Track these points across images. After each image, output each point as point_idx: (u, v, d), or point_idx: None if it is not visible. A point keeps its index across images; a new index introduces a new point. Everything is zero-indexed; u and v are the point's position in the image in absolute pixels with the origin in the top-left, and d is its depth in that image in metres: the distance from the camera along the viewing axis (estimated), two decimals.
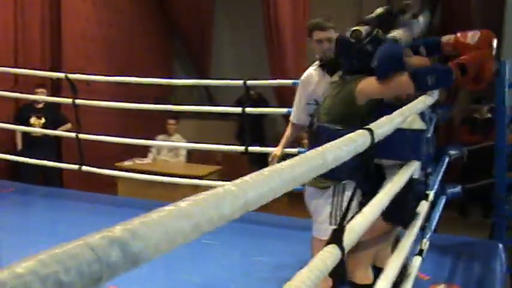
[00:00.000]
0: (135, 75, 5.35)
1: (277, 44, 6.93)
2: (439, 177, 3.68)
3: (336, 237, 1.28)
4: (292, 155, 4.82)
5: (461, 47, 2.56)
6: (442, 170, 3.82)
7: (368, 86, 2.45)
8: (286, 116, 7.69)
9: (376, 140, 1.46)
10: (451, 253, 3.87)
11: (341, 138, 1.28)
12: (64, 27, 6.85)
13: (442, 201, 3.89)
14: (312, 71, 3.19)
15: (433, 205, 3.62)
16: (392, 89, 2.42)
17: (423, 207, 2.82)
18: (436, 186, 3.51)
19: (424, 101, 2.37)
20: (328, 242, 1.28)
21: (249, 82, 4.66)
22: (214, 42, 9.13)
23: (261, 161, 7.56)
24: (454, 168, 5.13)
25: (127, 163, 6.58)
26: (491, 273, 3.59)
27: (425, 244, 3.08)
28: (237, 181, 0.78)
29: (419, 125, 2.19)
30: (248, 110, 4.79)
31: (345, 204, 2.40)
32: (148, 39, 8.37)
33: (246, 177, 0.80)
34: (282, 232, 4.34)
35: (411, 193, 2.54)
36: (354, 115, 2.45)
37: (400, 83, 2.38)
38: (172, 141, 6.96)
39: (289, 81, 5.46)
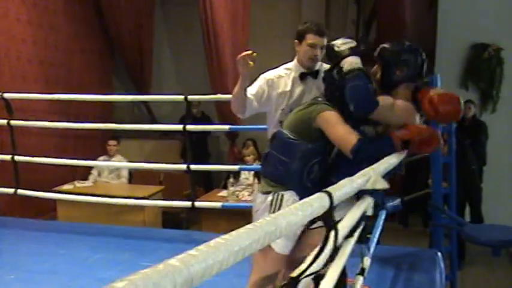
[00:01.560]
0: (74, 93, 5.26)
1: (217, 61, 6.96)
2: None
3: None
4: (235, 172, 4.81)
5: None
6: None
7: (326, 122, 2.57)
8: (229, 134, 7.79)
9: (335, 203, 1.42)
10: (393, 263, 3.94)
11: (298, 203, 1.24)
12: None
13: (383, 215, 3.96)
14: (283, 74, 3.09)
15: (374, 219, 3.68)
16: (339, 138, 2.54)
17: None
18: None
19: (388, 161, 2.43)
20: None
21: (190, 97, 4.64)
22: (155, 60, 9.06)
23: (205, 180, 7.58)
24: (394, 180, 5.25)
25: (66, 186, 6.41)
26: (431, 282, 3.67)
27: (367, 262, 3.11)
28: (181, 255, 0.74)
29: (382, 184, 2.21)
30: (189, 127, 4.77)
31: None
32: (87, 57, 8.23)
33: (192, 251, 0.76)
34: None
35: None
36: (309, 132, 2.59)
37: (347, 137, 2.50)
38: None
39: (231, 96, 5.48)
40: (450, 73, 6.92)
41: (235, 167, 5.64)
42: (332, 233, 1.45)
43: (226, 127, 5.38)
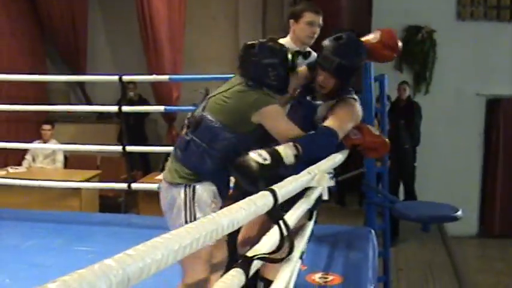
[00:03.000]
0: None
1: (153, 42, 6.85)
2: None
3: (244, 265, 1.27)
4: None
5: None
6: None
7: (269, 117, 2.43)
8: (166, 116, 7.71)
9: (280, 201, 1.41)
10: (328, 242, 4.01)
11: (242, 201, 1.22)
12: None
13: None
14: None
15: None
16: (281, 133, 2.42)
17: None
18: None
19: (334, 159, 2.44)
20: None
21: (124, 78, 4.54)
22: (90, 44, 8.83)
23: (143, 163, 7.50)
24: None
25: None
26: (364, 258, 3.76)
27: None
28: (118, 255, 0.72)
29: (327, 182, 2.18)
30: (125, 109, 4.68)
31: (197, 210, 2.37)
32: (18, 41, 7.93)
33: (129, 250, 0.74)
34: None
35: None
36: (244, 123, 2.42)
37: (291, 134, 2.40)
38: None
39: (166, 77, 5.41)
40: None
41: (172, 149, 5.58)
42: (281, 224, 1.46)
43: (162, 108, 5.32)
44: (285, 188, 1.55)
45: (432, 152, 7.23)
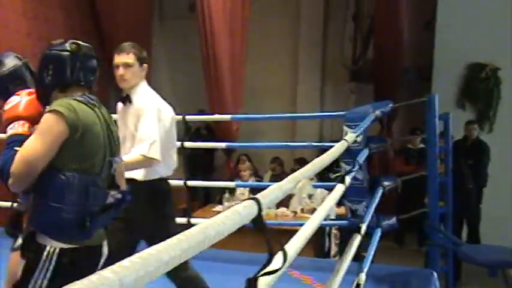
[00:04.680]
0: None
1: (215, 74, 6.90)
2: (373, 209, 3.72)
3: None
4: (231, 189, 4.77)
5: None
6: (376, 201, 3.86)
7: None
8: (226, 149, 7.77)
9: (263, 210, 1.37)
10: (388, 282, 3.91)
11: (227, 211, 1.22)
12: None
13: (378, 233, 3.93)
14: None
15: (369, 237, 3.65)
16: None
17: (356, 240, 2.83)
18: (369, 219, 3.54)
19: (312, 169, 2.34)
20: None
21: (188, 118, 4.67)
22: (152, 75, 9.04)
23: (204, 193, 7.55)
24: (390, 198, 5.22)
25: None
26: None
27: (363, 278, 3.08)
28: (114, 266, 0.75)
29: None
30: (187, 144, 4.78)
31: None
32: None
33: (124, 261, 0.77)
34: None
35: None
36: None
37: None
38: None
39: (228, 116, 5.53)
40: (447, 93, 6.92)
41: (232, 184, 5.63)
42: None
43: (223, 144, 5.38)
44: (269, 196, 1.51)
45: (496, 193, 6.98)
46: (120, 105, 2.98)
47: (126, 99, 2.91)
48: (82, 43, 2.19)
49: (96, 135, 2.06)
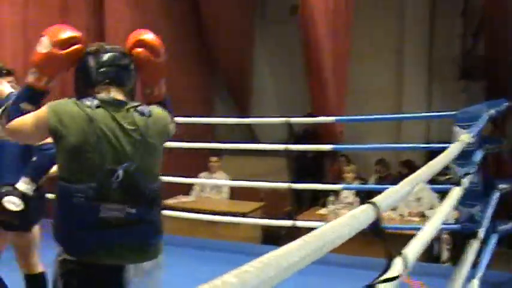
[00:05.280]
0: (176, 113, 5.38)
1: (317, 75, 6.82)
2: (490, 214, 3.53)
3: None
4: (335, 192, 4.73)
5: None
6: (493, 206, 3.67)
7: None
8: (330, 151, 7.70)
9: (382, 214, 1.34)
10: None
11: (344, 217, 1.20)
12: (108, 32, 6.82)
13: (494, 239, 3.73)
14: None
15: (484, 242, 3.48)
16: None
17: (473, 246, 2.70)
18: (486, 224, 3.37)
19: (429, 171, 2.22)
20: None
21: (292, 120, 4.68)
22: (255, 79, 9.18)
23: (310, 195, 7.52)
24: (506, 202, 4.95)
25: (170, 201, 6.57)
26: None
27: (475, 285, 2.94)
28: (237, 271, 0.75)
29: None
30: (291, 147, 4.79)
31: None
32: (188, 77, 8.39)
33: (246, 267, 0.77)
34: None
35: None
36: None
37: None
38: (215, 178, 6.96)
39: (332, 118, 5.49)
40: None
41: (339, 187, 5.57)
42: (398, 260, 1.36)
43: (329, 147, 5.32)
44: (386, 201, 1.47)
45: None
46: None
47: None
48: (104, 44, 2.23)
49: (85, 141, 1.96)
